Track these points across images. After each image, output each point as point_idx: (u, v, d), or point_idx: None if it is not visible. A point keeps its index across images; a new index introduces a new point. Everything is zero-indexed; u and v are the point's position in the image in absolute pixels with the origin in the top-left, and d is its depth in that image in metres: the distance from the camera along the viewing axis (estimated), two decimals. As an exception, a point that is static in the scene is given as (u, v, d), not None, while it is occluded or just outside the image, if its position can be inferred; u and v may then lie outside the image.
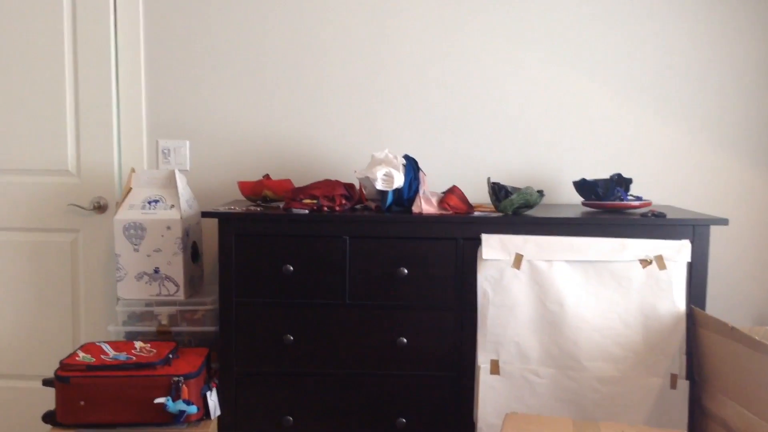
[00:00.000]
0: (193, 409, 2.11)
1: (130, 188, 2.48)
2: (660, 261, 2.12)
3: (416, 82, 2.69)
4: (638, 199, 2.39)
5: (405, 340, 2.24)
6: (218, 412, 2.23)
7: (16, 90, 2.71)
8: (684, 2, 2.63)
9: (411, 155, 2.37)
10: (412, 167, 2.29)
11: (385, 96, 2.70)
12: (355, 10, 2.68)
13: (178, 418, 2.09)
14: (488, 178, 2.38)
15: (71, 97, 2.72)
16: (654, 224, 2.18)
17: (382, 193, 2.27)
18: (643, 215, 2.25)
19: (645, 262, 2.12)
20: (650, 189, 2.64)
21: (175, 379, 2.11)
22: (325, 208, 2.27)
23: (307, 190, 2.34)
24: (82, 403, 2.12)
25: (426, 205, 2.27)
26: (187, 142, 2.75)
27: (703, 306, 2.16)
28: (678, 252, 2.13)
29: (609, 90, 2.67)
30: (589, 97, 2.67)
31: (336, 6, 2.68)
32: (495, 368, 2.17)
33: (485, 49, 2.67)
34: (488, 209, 2.37)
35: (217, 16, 2.71)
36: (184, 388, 2.11)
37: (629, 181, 2.44)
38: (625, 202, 2.35)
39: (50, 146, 2.73)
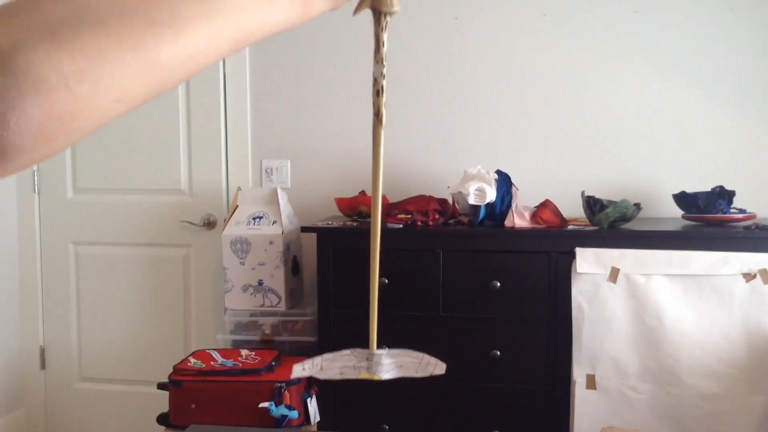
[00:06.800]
0: (294, 414, 2.22)
1: (237, 205, 2.64)
2: (765, 275, 2.04)
3: (508, 98, 2.72)
4: (742, 212, 2.32)
5: (499, 353, 2.26)
6: (318, 418, 2.32)
7: (134, 118, 2.95)
8: (789, 8, 2.54)
9: (503, 170, 2.40)
10: (504, 182, 2.33)
11: (477, 112, 2.74)
12: (446, 28, 2.75)
13: (281, 422, 2.20)
14: (582, 192, 2.38)
15: (184, 124, 2.93)
16: (758, 238, 2.11)
17: (475, 208, 2.31)
18: (747, 228, 2.18)
19: (749, 276, 2.05)
20: (755, 202, 2.54)
21: (278, 385, 2.23)
22: (419, 223, 2.34)
23: (402, 206, 2.42)
24: (193, 405, 2.27)
25: (519, 219, 2.29)
26: (288, 162, 2.90)
27: (814, 322, 2.06)
28: (785, 266, 2.05)
29: (710, 99, 2.60)
30: (689, 107, 2.61)
31: (428, 27, 2.76)
32: (591, 383, 2.15)
33: (578, 61, 2.67)
34: (582, 223, 2.36)
35: (314, 46, 2.85)
36: (286, 394, 2.22)
37: (732, 193, 2.37)
38: (727, 215, 2.29)
39: (165, 168, 2.95)
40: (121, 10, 0.38)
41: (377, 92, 0.56)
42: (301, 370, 0.65)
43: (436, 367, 0.67)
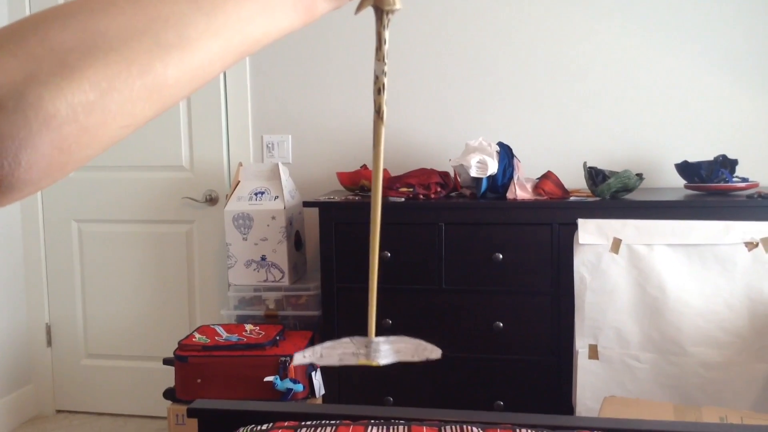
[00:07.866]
0: (299, 387, 2.24)
1: (238, 181, 2.64)
2: (767, 243, 2.04)
3: (509, 69, 2.70)
4: (744, 180, 2.31)
5: (501, 325, 2.27)
6: (323, 391, 2.34)
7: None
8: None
9: (505, 142, 2.39)
10: (506, 154, 2.32)
11: (478, 84, 2.72)
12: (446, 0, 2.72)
13: (286, 395, 2.22)
14: (584, 163, 2.37)
15: (184, 100, 2.91)
16: (760, 206, 2.11)
17: (477, 180, 2.31)
18: (749, 197, 2.17)
19: (751, 245, 2.05)
20: (757, 170, 2.53)
21: (283, 359, 2.24)
22: (421, 196, 2.33)
23: (404, 179, 2.41)
24: (199, 380, 2.29)
25: (520, 191, 2.29)
26: (290, 137, 2.89)
27: (816, 290, 2.07)
28: (787, 234, 2.05)
29: (712, 68, 2.58)
30: (691, 76, 2.59)
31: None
32: (594, 353, 2.16)
33: (579, 30, 2.64)
34: (584, 194, 2.35)
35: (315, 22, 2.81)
36: (291, 367, 2.24)
37: (734, 162, 2.36)
38: (730, 184, 2.28)
39: (166, 144, 2.94)
40: (130, 34, 0.37)
41: (378, 90, 0.55)
42: (302, 357, 0.68)
43: (432, 352, 0.69)
